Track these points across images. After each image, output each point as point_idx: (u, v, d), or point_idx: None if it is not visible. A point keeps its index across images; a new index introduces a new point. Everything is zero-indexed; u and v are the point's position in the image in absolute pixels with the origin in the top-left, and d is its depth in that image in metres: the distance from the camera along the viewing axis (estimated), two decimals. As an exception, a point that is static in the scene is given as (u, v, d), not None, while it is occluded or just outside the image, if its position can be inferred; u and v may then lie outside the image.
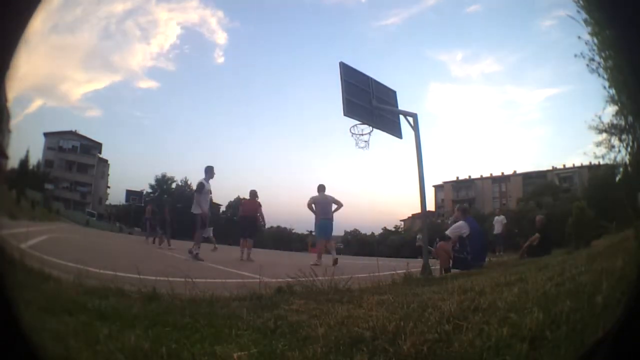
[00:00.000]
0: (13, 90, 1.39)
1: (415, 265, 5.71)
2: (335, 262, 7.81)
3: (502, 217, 12.47)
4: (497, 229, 11.97)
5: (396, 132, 7.64)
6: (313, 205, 9.05)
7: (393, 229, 33.27)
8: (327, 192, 9.17)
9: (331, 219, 9.10)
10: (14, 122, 1.67)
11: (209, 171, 8.53)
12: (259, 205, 9.82)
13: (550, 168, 27.86)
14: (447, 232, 6.79)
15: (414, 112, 7.13)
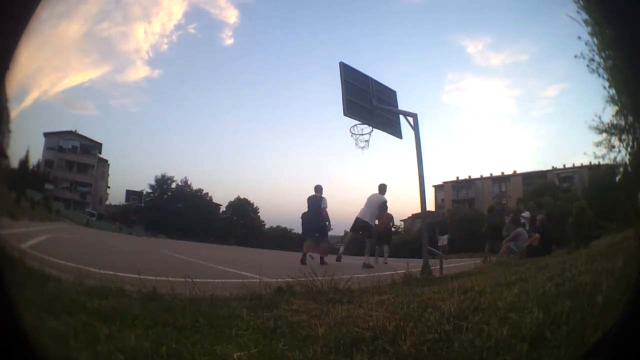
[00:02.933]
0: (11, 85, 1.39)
1: (415, 265, 5.71)
2: None
3: (527, 212, 11.09)
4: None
5: (396, 132, 7.64)
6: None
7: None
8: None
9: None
10: (12, 117, 1.67)
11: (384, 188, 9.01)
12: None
13: (550, 168, 27.83)
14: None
15: (414, 112, 7.13)
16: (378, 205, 8.69)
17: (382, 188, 8.83)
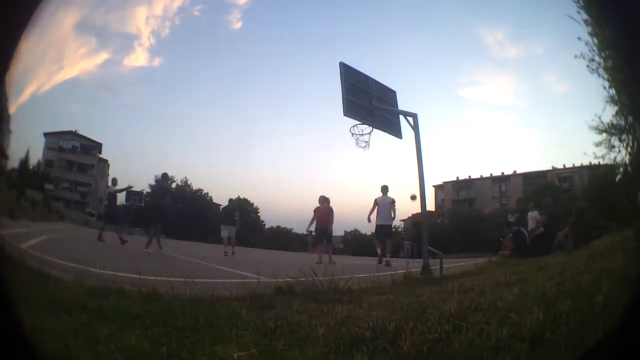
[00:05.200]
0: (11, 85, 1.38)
1: (415, 266, 5.71)
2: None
3: (535, 212, 10.70)
4: (531, 224, 10.05)
5: (396, 132, 7.64)
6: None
7: (393, 229, 33.17)
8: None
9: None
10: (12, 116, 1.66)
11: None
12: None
13: (550, 168, 27.82)
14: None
15: (414, 112, 7.13)
16: (391, 206, 9.11)
17: (385, 189, 9.22)
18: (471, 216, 27.98)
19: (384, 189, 9.28)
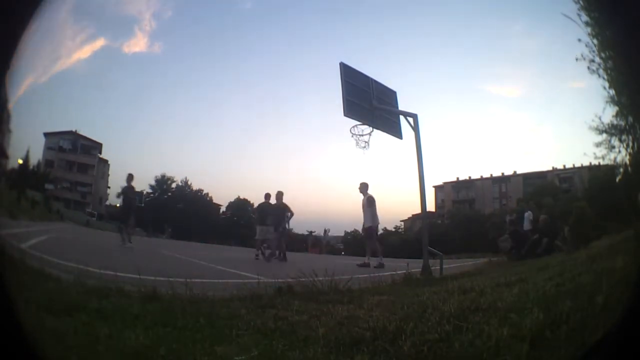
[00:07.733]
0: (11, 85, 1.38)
1: (415, 266, 5.71)
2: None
3: (529, 212, 10.61)
4: (527, 225, 9.99)
5: (396, 132, 7.64)
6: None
7: (393, 229, 33.16)
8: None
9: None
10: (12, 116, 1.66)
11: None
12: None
13: (551, 168, 27.82)
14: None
15: (414, 112, 7.13)
16: (367, 204, 8.62)
17: (364, 187, 8.77)
18: (471, 217, 27.97)
19: None
